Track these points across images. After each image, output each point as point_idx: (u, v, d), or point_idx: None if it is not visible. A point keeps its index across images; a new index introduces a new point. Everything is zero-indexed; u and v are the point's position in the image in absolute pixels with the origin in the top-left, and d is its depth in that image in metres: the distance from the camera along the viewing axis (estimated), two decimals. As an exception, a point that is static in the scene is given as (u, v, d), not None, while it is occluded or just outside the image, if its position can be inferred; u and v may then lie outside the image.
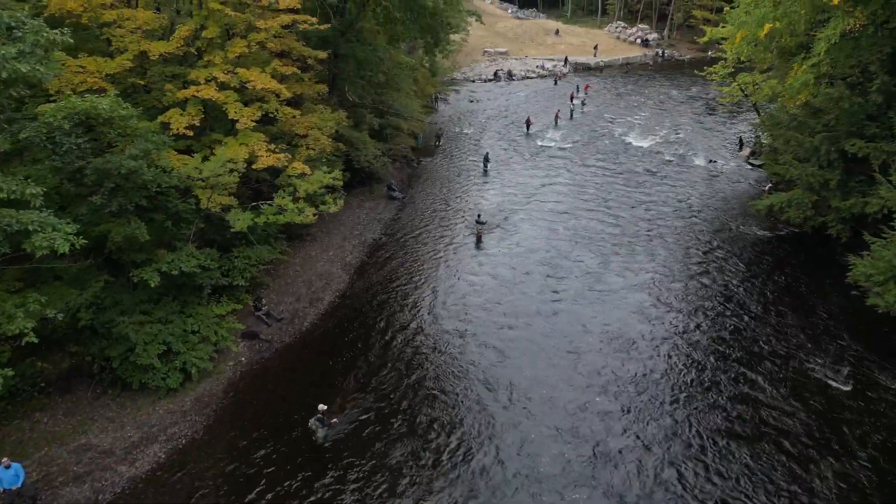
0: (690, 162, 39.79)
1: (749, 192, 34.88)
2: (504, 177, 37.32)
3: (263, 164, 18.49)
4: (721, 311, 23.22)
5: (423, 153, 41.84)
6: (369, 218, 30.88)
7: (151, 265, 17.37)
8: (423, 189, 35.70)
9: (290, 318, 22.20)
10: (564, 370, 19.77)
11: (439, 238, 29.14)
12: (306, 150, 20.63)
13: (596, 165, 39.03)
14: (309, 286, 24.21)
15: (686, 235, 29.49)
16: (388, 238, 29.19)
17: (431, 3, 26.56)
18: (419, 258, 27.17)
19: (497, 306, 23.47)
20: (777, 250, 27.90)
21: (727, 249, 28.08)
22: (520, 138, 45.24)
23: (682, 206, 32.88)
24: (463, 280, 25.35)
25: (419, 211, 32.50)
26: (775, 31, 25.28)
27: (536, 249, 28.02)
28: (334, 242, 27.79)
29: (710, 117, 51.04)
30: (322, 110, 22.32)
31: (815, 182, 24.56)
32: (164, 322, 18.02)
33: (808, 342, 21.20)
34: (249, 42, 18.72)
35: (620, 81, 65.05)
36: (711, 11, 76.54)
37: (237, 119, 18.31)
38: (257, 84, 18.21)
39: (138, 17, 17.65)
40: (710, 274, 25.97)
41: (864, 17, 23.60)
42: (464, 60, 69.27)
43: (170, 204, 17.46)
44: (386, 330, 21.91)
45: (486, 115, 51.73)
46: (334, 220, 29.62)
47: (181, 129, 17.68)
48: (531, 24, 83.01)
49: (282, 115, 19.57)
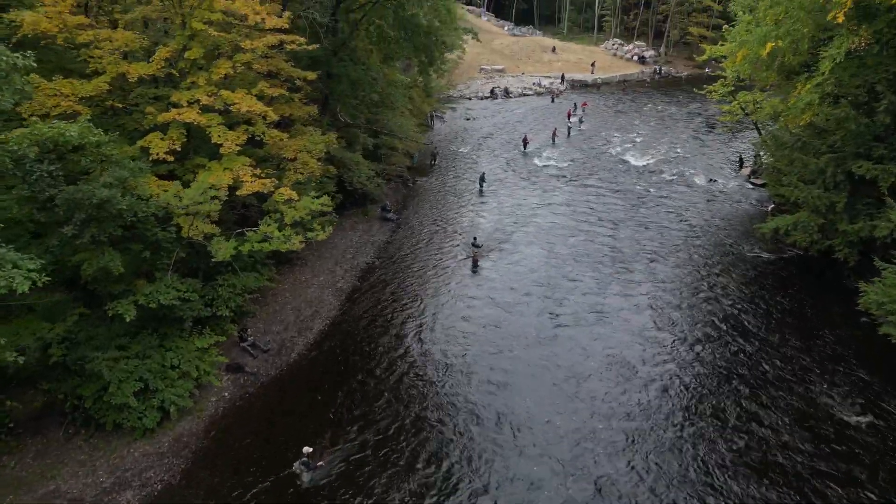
0: (690, 181, 39.09)
1: (751, 213, 34.17)
2: (501, 197, 36.56)
3: (248, 190, 17.64)
4: (724, 335, 22.49)
5: (418, 172, 41.11)
6: (362, 240, 30.00)
7: (129, 297, 16.45)
8: (418, 210, 34.89)
9: (277, 349, 21.22)
10: (565, 397, 19.05)
11: (435, 261, 28.27)
12: (294, 174, 19.79)
13: (594, 185, 38.32)
14: (298, 314, 23.26)
15: (687, 256, 28.73)
16: (381, 261, 28.30)
17: (425, 22, 25.94)
18: (414, 282, 26.28)
19: (495, 330, 22.73)
20: (781, 273, 27.10)
21: (730, 271, 27.31)
22: (517, 157, 44.57)
23: (683, 226, 32.11)
24: (459, 304, 24.49)
25: (414, 233, 31.65)
26: (778, 49, 24.72)
27: (535, 271, 27.31)
28: (326, 267, 26.88)
29: (709, 135, 50.50)
30: (312, 132, 21.54)
31: (822, 204, 23.81)
32: (141, 357, 17.05)
33: (815, 368, 20.42)
34: (235, 63, 17.98)
35: (618, 98, 64.67)
36: (708, 28, 76.63)
37: (221, 143, 17.48)
38: (242, 107, 17.42)
39: (117, 37, 16.90)
40: (713, 296, 25.19)
41: (868, 36, 23.04)
42: (460, 78, 68.96)
43: (148, 233, 16.58)
44: (379, 358, 20.97)
45: (482, 134, 51.13)
46: (326, 244, 28.73)
47: (161, 154, 16.85)
48: (528, 42, 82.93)
49: (269, 138, 18.77)
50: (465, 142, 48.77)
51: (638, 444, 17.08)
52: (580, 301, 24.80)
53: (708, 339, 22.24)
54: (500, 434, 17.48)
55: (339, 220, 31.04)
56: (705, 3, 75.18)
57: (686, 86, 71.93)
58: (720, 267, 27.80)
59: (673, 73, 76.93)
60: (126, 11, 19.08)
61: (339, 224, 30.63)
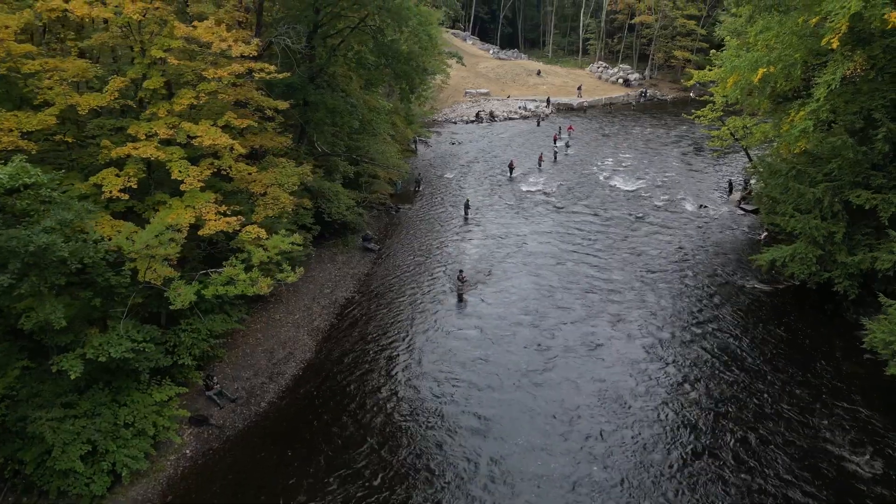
0: (680, 207, 38.24)
1: (743, 240, 33.28)
2: (486, 224, 35.40)
3: (212, 229, 16.26)
4: (719, 368, 21.53)
5: (402, 200, 39.93)
6: (342, 273, 28.61)
7: (76, 350, 14.91)
8: (401, 239, 33.61)
9: (246, 398, 19.66)
10: (557, 437, 18.01)
11: (418, 294, 26.93)
12: (264, 209, 18.46)
13: (582, 212, 37.32)
14: (270, 357, 21.74)
15: (679, 286, 27.71)
16: (361, 296, 26.90)
17: (406, 48, 24.94)
18: (396, 318, 24.88)
19: (483, 365, 21.62)
20: (777, 304, 26.07)
21: (724, 302, 26.28)
22: (502, 183, 43.59)
23: (674, 254, 31.09)
24: (445, 338, 23.27)
25: (396, 264, 30.33)
26: (770, 76, 23.94)
27: (523, 301, 26.27)
28: (302, 304, 25.42)
29: (698, 158, 49.95)
30: (285, 164, 20.27)
31: (819, 235, 22.84)
32: (90, 416, 15.45)
33: (816, 404, 19.42)
34: (199, 93, 16.73)
35: (604, 122, 64.27)
36: (692, 52, 76.91)
37: (182, 179, 16.13)
38: (205, 140, 16.12)
39: (67, 67, 15.62)
40: (706, 327, 24.23)
41: (863, 61, 22.35)
42: (445, 101, 68.36)
43: (100, 278, 15.11)
44: (360, 402, 19.55)
45: (467, 158, 50.20)
46: (303, 278, 27.24)
47: (115, 193, 15.48)
48: (513, 65, 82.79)
49: (236, 172, 17.46)
50: (450, 167, 47.77)
51: (635, 487, 16.06)
52: (570, 332, 23.87)
53: (702, 372, 21.31)
54: (492, 483, 16.27)
55: (318, 251, 29.74)
56: (689, 27, 75.55)
57: (672, 109, 71.97)
58: (713, 296, 26.82)
59: (658, 96, 76.95)
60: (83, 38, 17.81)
61: (317, 256, 29.33)
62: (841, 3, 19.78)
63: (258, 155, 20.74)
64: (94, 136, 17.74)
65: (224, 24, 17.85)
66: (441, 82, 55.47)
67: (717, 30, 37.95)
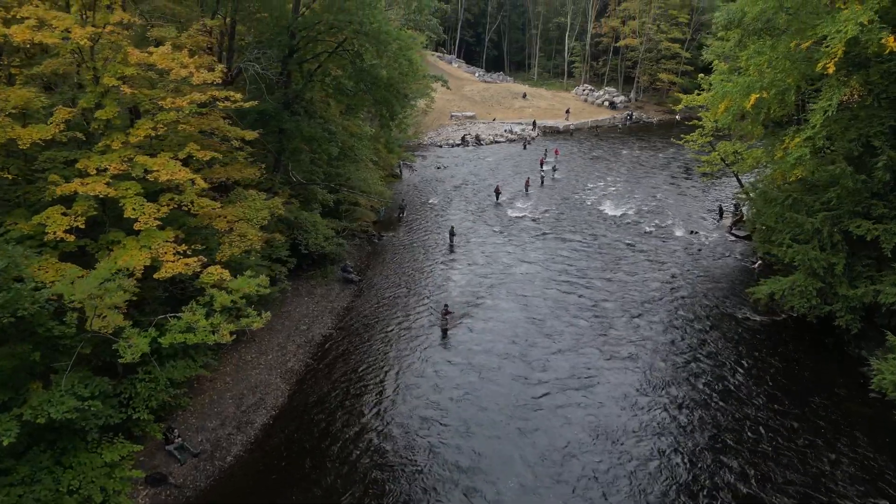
0: (670, 233, 37.32)
1: (736, 268, 32.32)
2: (472, 253, 34.18)
3: (169, 272, 14.83)
4: (714, 402, 20.55)
5: (385, 227, 38.64)
6: (320, 308, 27.12)
7: (13, 410, 13.32)
8: (383, 269, 32.24)
9: (210, 451, 18.02)
10: (548, 479, 16.93)
11: (400, 329, 25.52)
12: (230, 247, 17.08)
13: (571, 238, 36.25)
14: (239, 404, 20.15)
15: (672, 316, 26.67)
16: (340, 333, 25.41)
17: (386, 73, 23.89)
18: (376, 357, 23.42)
19: (470, 404, 20.42)
20: (775, 337, 24.99)
21: (718, 333, 25.24)
22: (489, 208, 42.52)
23: (666, 283, 30.02)
24: (429, 378, 21.94)
25: (378, 296, 28.92)
26: (763, 101, 23.10)
27: (510, 332, 25.22)
28: (276, 342, 23.88)
29: (686, 182, 49.34)
30: (255, 196, 18.95)
31: (819, 267, 21.84)
32: (28, 482, 13.80)
33: (818, 443, 18.44)
34: (157, 123, 15.42)
35: (591, 145, 63.77)
36: (677, 75, 77.05)
37: (136, 218, 14.74)
38: (161, 175, 14.79)
39: (9, 96, 14.27)
40: (701, 361, 23.28)
41: (860, 87, 21.60)
42: (430, 124, 67.58)
43: (40, 328, 13.61)
44: (335, 452, 18.03)
45: (452, 183, 49.16)
46: (279, 313, 25.83)
47: (59, 234, 14.05)
48: (498, 88, 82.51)
49: (198, 207, 16.10)
50: (436, 192, 46.66)
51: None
52: (559, 364, 22.88)
53: (697, 407, 20.36)
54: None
55: (295, 284, 28.29)
56: (673, 50, 75.77)
57: (658, 131, 71.82)
58: (707, 327, 25.79)
59: (644, 119, 76.85)
60: (30, 66, 16.50)
61: (294, 289, 27.87)
62: (836, 28, 19.03)
63: (226, 187, 19.39)
64: (45, 170, 16.31)
65: (186, 50, 16.63)
66: (426, 106, 54.63)
67: (703, 53, 37.42)
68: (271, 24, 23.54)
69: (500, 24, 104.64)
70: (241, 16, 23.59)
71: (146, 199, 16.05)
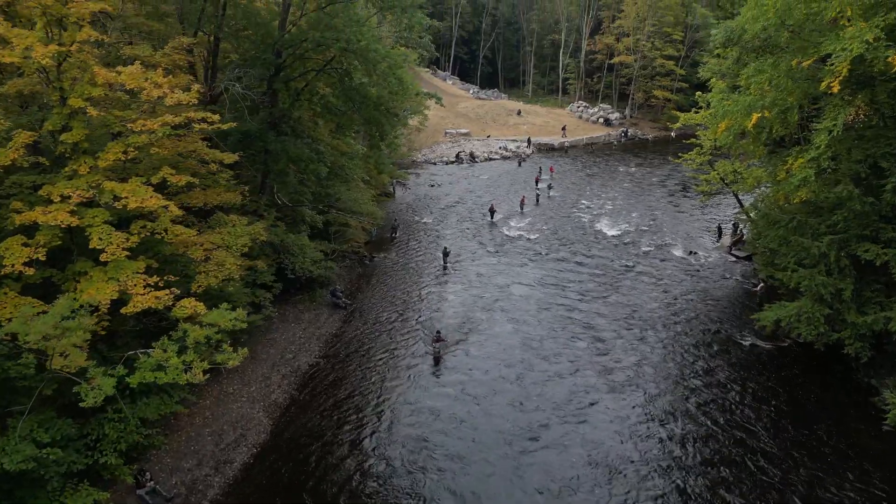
0: (669, 253, 36.48)
1: (737, 290, 31.45)
2: (466, 274, 33.21)
3: (137, 306, 13.83)
4: (717, 433, 19.71)
5: (377, 248, 37.68)
6: (307, 335, 26.05)
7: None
8: (374, 292, 31.21)
9: (185, 495, 16.84)
10: None
11: (391, 358, 24.45)
12: (206, 278, 16.07)
13: (567, 259, 35.37)
14: (218, 441, 19.00)
15: (672, 341, 25.83)
16: (327, 361, 24.32)
17: (375, 92, 23.09)
18: (365, 388, 22.34)
19: (463, 436, 19.53)
20: (780, 363, 24.08)
21: (720, 360, 24.41)
22: (483, 227, 41.64)
23: (665, 306, 29.11)
24: (420, 410, 20.99)
25: (368, 321, 27.87)
26: (765, 120, 22.37)
27: (505, 357, 24.36)
28: (259, 372, 22.78)
29: (684, 199, 48.69)
30: (235, 222, 17.99)
31: (826, 292, 20.96)
32: (-21, 539, 12.65)
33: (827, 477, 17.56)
34: (128, 147, 14.49)
35: (586, 162, 63.21)
36: (672, 91, 76.85)
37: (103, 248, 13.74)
38: (130, 202, 13.85)
39: (-34, 118, 13.39)
40: (702, 388, 22.50)
41: (865, 106, 20.92)
42: (424, 142, 66.91)
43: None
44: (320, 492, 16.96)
45: (447, 201, 48.31)
46: (264, 340, 24.79)
47: (17, 266, 13.04)
48: (493, 105, 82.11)
49: (171, 236, 15.12)
50: (429, 211, 45.78)
51: None
52: (557, 389, 22.12)
53: (699, 436, 19.56)
54: None
55: (282, 309, 27.24)
56: (668, 67, 75.64)
57: (654, 148, 71.44)
58: (709, 353, 24.92)
59: (639, 136, 76.49)
60: None
61: (280, 315, 26.82)
62: (842, 46, 18.31)
63: (207, 212, 18.43)
64: (10, 196, 15.33)
65: (161, 69, 15.76)
66: (419, 123, 53.97)
67: (700, 71, 36.89)
68: (257, 41, 22.76)
69: (495, 41, 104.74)
70: (225, 33, 22.83)
71: (118, 226, 15.11)
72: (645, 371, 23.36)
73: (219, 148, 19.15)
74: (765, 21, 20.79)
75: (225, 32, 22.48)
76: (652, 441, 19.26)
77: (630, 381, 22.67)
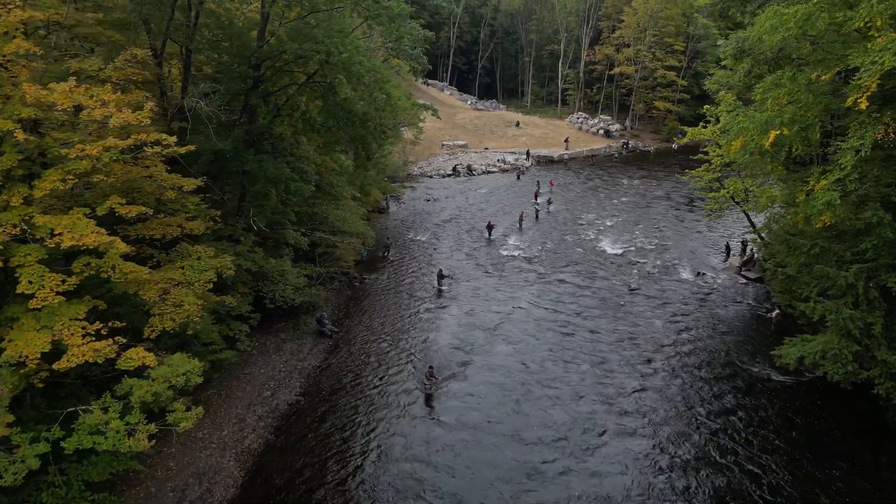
0: (676, 274, 34.61)
1: (750, 316, 29.55)
2: (462, 298, 31.31)
3: (73, 360, 11.92)
4: (731, 474, 18.18)
5: (368, 268, 35.78)
6: (288, 368, 24.10)
7: None
8: (363, 318, 29.29)
9: (138, 566, 14.90)
10: None
11: (379, 396, 22.52)
12: (160, 322, 14.17)
13: (568, 281, 33.47)
14: (181, 497, 16.99)
15: (682, 373, 24.04)
16: (309, 400, 22.36)
17: (362, 107, 21.32)
18: (350, 430, 20.40)
19: (457, 475, 18.00)
20: (801, 400, 22.26)
21: (734, 395, 22.69)
22: (480, 245, 39.78)
23: (674, 334, 27.22)
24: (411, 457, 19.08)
25: (356, 352, 25.93)
26: (784, 138, 20.57)
27: (502, 397, 22.32)
28: (233, 413, 20.82)
29: (689, 215, 46.93)
30: (201, 253, 16.12)
31: (854, 327, 19.08)
32: None
33: None
34: (66, 174, 12.65)
35: (587, 175, 61.47)
36: (673, 103, 75.33)
37: (33, 293, 11.88)
38: (65, 239, 11.99)
39: None
40: (715, 426, 20.77)
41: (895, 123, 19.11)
42: (421, 154, 65.16)
43: None
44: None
45: (442, 217, 46.47)
46: (240, 375, 22.88)
47: (-73, 316, 11.18)
48: (491, 116, 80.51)
49: (119, 274, 13.23)
50: (424, 227, 43.91)
51: None
52: (559, 423, 20.57)
53: (710, 476, 18.07)
54: None
55: (262, 339, 25.37)
56: (669, 77, 74.10)
57: (655, 160, 69.77)
58: (721, 386, 23.15)
59: (641, 148, 74.84)
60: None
61: (260, 345, 24.94)
62: (871, 59, 16.53)
63: (170, 243, 16.55)
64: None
65: (109, 85, 13.94)
66: (414, 137, 52.25)
67: (706, 83, 35.18)
68: (233, 52, 21.01)
69: (493, 51, 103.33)
70: (199, 43, 21.06)
71: (58, 264, 13.21)
72: (652, 406, 21.65)
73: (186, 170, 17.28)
74: (785, 32, 19.03)
75: (199, 43, 20.73)
76: (659, 477, 17.86)
77: (636, 415, 21.10)
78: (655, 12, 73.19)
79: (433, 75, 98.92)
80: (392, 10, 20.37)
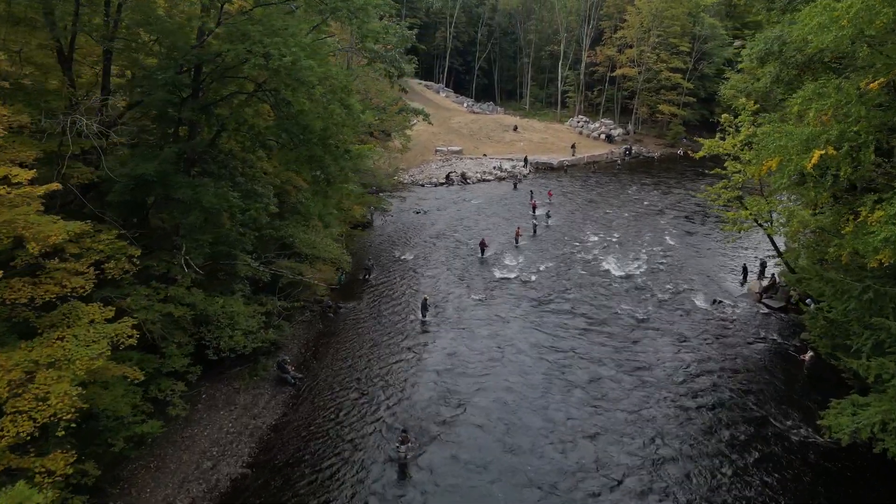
0: (689, 302, 30.92)
1: (777, 355, 25.85)
2: (448, 332, 27.64)
3: None
4: None
5: (346, 294, 32.10)
6: (238, 428, 20.42)
7: None
8: (334, 359, 25.57)
9: None
10: None
11: (344, 466, 18.85)
12: (13, 425, 10.44)
13: (569, 311, 29.79)
14: None
15: (702, 429, 20.58)
16: (258, 473, 18.65)
17: (321, 124, 17.62)
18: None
19: None
20: (843, 468, 18.68)
21: (765, 458, 19.18)
22: (472, 266, 36.13)
23: (690, 378, 23.62)
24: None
25: (321, 404, 22.25)
26: (829, 159, 16.92)
27: (490, 464, 18.53)
28: (160, 495, 17.12)
29: (701, 228, 43.44)
30: (95, 314, 12.51)
31: (922, 393, 15.42)
32: None
33: None
34: None
35: (588, 184, 57.86)
36: (678, 106, 71.62)
37: None
38: None
39: None
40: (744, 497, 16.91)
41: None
42: (413, 160, 61.50)
43: None
44: None
45: (432, 232, 42.80)
46: (178, 439, 19.22)
47: None
48: (488, 120, 76.88)
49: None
50: (411, 244, 40.23)
51: None
52: (560, 492, 16.96)
53: None
54: None
55: (214, 387, 21.79)
56: (674, 80, 70.40)
57: (661, 167, 66.20)
58: (750, 448, 19.59)
59: (644, 153, 71.21)
60: None
61: (208, 397, 21.36)
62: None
63: (48, 305, 12.85)
64: None
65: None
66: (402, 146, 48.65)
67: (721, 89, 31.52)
68: (162, 55, 17.38)
69: (491, 52, 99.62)
70: (122, 43, 17.40)
71: None
72: (672, 474, 17.87)
73: (89, 203, 13.59)
74: (838, 31, 15.39)
75: (119, 43, 17.08)
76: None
77: (653, 481, 17.36)
78: (660, 12, 69.52)
79: (429, 76, 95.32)
80: (354, 3, 16.71)
